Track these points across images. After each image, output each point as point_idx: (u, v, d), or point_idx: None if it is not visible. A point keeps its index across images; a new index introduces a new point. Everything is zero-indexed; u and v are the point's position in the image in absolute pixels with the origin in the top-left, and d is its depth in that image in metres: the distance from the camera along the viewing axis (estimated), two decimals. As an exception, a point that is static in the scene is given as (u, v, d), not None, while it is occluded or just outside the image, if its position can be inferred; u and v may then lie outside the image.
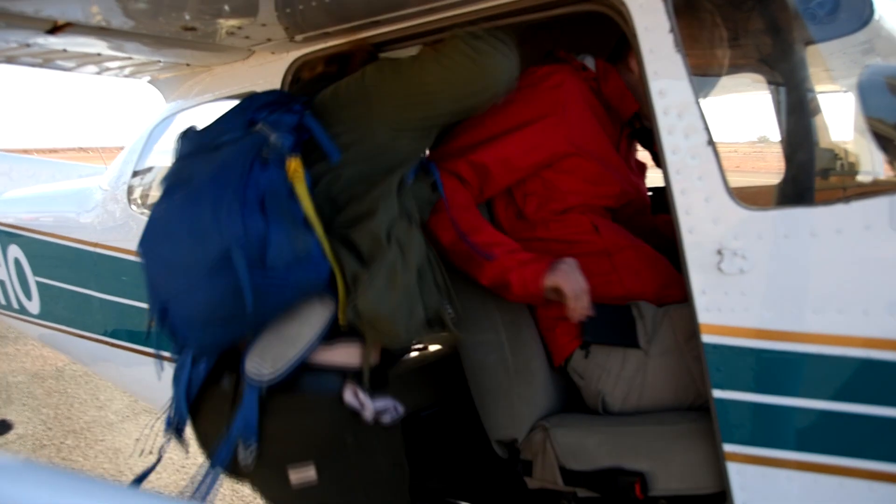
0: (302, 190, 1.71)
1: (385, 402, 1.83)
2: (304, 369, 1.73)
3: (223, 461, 1.75)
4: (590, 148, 2.23)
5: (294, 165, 1.71)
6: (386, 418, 1.83)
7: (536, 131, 2.19)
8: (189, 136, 1.96)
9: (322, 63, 2.40)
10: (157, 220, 1.82)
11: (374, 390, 1.83)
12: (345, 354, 1.80)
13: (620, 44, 2.34)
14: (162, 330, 1.79)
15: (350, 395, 1.77)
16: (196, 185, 1.73)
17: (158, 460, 2.01)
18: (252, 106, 1.93)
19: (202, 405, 1.88)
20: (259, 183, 1.67)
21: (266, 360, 1.71)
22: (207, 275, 1.65)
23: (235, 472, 1.83)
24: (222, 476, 1.84)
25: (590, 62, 2.37)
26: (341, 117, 1.91)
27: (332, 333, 1.76)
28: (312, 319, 1.74)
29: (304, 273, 1.68)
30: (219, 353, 1.84)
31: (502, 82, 1.90)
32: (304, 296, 1.74)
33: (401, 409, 1.87)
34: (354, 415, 1.77)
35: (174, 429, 1.93)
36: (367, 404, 1.78)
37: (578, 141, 2.21)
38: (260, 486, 1.89)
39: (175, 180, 1.82)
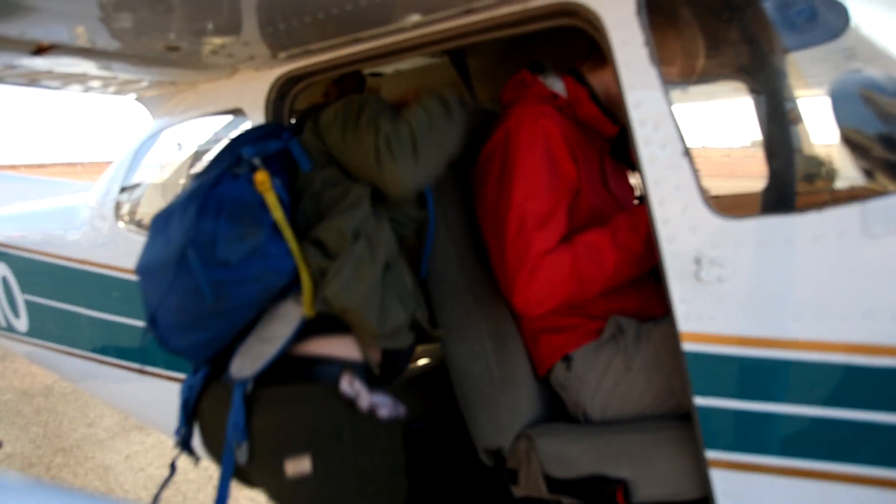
0: (271, 199, 1.85)
1: (384, 398, 1.87)
2: (302, 361, 1.84)
3: (228, 468, 1.84)
4: (583, 182, 2.24)
5: (261, 178, 1.85)
6: (383, 412, 1.86)
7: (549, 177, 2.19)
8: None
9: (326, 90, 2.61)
10: (147, 238, 1.96)
11: (375, 386, 1.89)
12: (342, 346, 1.89)
13: (593, 48, 2.30)
14: (154, 337, 1.89)
15: (346, 384, 1.82)
16: (174, 203, 1.89)
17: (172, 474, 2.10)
18: (242, 140, 2.07)
19: (205, 412, 1.97)
20: (223, 194, 1.83)
21: (247, 360, 1.84)
22: (174, 277, 1.78)
23: (242, 475, 1.91)
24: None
25: (559, 86, 2.34)
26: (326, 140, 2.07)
27: (329, 328, 1.88)
28: (288, 317, 1.86)
29: (261, 266, 1.81)
30: (209, 358, 1.94)
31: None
32: (268, 290, 1.85)
33: (402, 409, 1.91)
34: (352, 407, 1.82)
35: (181, 441, 2.03)
36: (363, 393, 1.83)
37: (572, 179, 2.22)
38: (260, 481, 1.91)
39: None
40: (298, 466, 1.78)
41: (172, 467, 2.08)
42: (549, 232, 2.13)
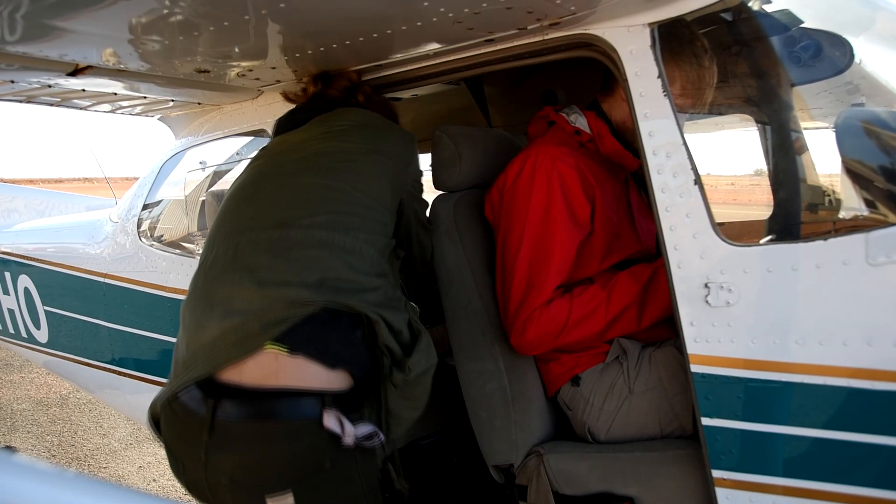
0: None
1: (367, 428, 1.83)
2: (278, 394, 1.76)
3: None
4: (596, 224, 2.28)
5: None
6: (366, 444, 1.82)
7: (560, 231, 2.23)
8: None
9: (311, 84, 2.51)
10: None
11: (352, 413, 1.84)
12: (317, 376, 1.81)
13: (608, 77, 2.36)
14: None
15: (331, 421, 1.76)
16: None
17: None
18: None
19: (172, 439, 1.90)
20: None
21: None
22: None
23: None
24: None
25: (581, 122, 2.39)
26: None
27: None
28: None
29: None
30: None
31: None
32: None
33: (381, 436, 1.88)
34: (334, 440, 1.77)
35: None
36: (349, 429, 1.78)
37: (585, 224, 2.27)
38: None
39: None
40: (281, 503, 1.74)
41: None
42: (549, 281, 2.20)
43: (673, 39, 2.03)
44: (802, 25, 2.22)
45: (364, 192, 2.05)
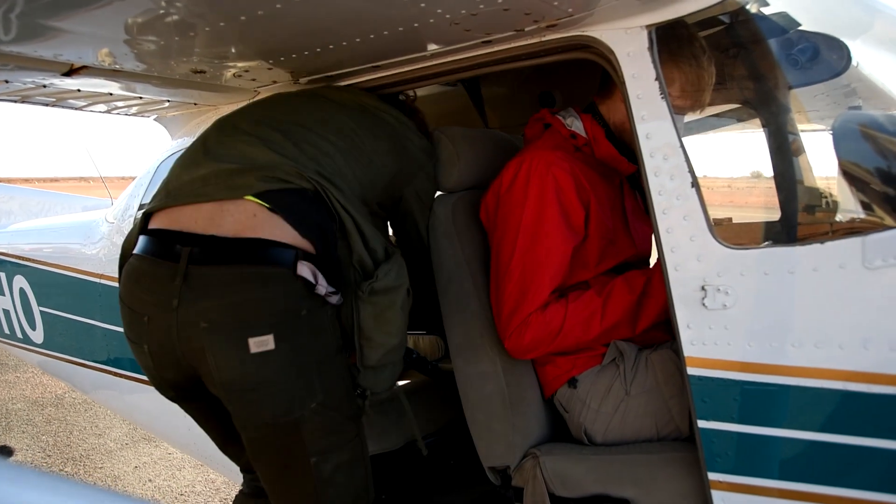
0: None
1: (329, 286, 1.94)
2: (254, 242, 1.86)
3: None
4: (591, 229, 2.28)
5: None
6: (333, 300, 1.96)
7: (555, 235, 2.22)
8: None
9: None
10: None
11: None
12: (291, 234, 1.90)
13: (606, 78, 2.35)
14: None
15: (304, 268, 1.87)
16: None
17: None
18: None
19: (144, 278, 1.96)
20: None
21: None
22: None
23: (192, 355, 1.88)
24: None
25: (577, 126, 2.38)
26: None
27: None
28: None
29: None
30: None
31: None
32: None
33: (341, 299, 2.00)
34: (307, 288, 1.89)
35: None
36: (320, 279, 1.91)
37: (579, 229, 2.26)
38: (215, 360, 1.86)
39: None
40: (262, 343, 1.82)
41: None
42: (544, 286, 2.20)
43: (671, 41, 2.03)
44: (800, 28, 2.22)
45: (375, 154, 2.25)
